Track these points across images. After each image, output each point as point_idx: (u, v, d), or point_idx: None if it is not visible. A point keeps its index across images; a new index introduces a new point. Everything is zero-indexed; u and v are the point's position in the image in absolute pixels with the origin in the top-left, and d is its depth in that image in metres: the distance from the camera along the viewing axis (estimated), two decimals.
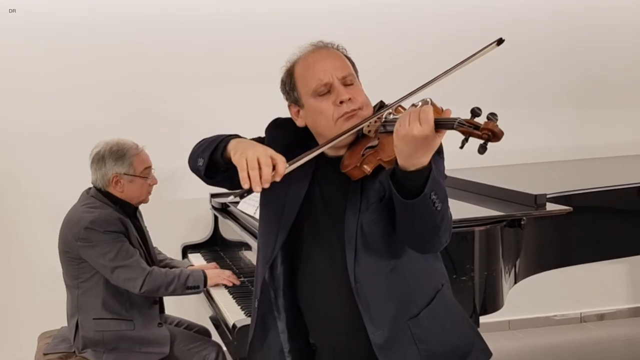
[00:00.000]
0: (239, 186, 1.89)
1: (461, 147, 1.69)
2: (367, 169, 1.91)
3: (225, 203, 4.01)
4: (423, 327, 2.03)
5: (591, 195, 3.45)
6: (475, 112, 1.65)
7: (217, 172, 2.03)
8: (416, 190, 1.74)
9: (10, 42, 4.30)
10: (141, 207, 3.48)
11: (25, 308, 4.41)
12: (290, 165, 1.83)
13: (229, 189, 2.23)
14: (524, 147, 4.87)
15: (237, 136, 2.00)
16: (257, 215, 3.37)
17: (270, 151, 1.80)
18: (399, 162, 1.73)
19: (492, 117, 1.62)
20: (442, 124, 1.67)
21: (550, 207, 3.12)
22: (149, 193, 3.38)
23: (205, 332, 3.60)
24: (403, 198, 1.76)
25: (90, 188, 3.34)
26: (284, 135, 2.09)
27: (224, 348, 3.19)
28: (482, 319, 2.85)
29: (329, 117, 1.96)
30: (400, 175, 1.75)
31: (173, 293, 3.21)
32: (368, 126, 1.93)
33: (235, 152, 1.84)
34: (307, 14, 4.54)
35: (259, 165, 1.76)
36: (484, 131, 1.61)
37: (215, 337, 3.33)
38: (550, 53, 5.03)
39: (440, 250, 2.01)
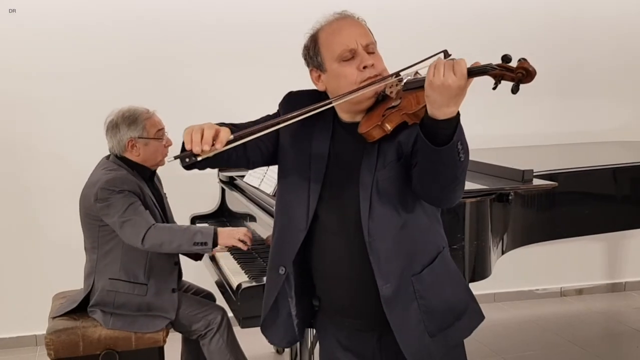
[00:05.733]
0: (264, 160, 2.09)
1: (494, 88, 1.69)
2: (388, 127, 1.88)
3: (232, 176, 3.98)
4: (424, 284, 2.01)
5: (573, 175, 3.45)
6: (507, 58, 1.64)
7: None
8: (445, 138, 1.71)
9: (33, 19, 4.26)
10: (165, 185, 3.43)
11: (41, 269, 4.38)
12: (235, 136, 1.80)
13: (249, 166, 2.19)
14: (511, 132, 4.87)
15: None
16: (262, 187, 3.35)
17: (216, 125, 1.79)
18: (430, 111, 1.69)
19: (523, 59, 1.63)
20: (475, 71, 1.66)
21: (537, 182, 3.08)
22: (165, 155, 3.25)
23: (210, 297, 3.56)
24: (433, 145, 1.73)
25: (109, 155, 3.28)
26: (304, 107, 2.02)
27: (229, 314, 3.16)
28: None
29: (352, 81, 1.93)
30: (430, 124, 1.71)
31: (179, 249, 3.06)
32: (390, 87, 1.90)
33: (185, 129, 1.81)
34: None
35: (201, 131, 1.74)
36: (518, 70, 1.62)
37: (221, 302, 3.29)
38: (536, 45, 4.98)
39: (453, 205, 1.97)
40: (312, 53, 2.02)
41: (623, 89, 5.27)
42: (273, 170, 3.37)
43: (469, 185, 2.99)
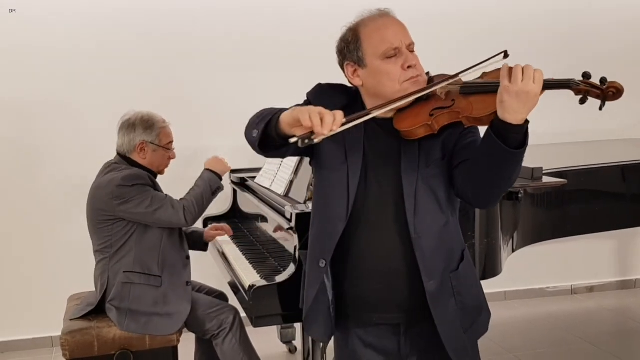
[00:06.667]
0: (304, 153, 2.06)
1: (582, 103, 1.79)
2: (437, 127, 1.88)
3: (243, 178, 3.97)
4: (460, 281, 2.04)
5: (583, 172, 3.43)
6: (588, 75, 1.71)
7: (270, 146, 1.94)
8: (515, 143, 1.71)
9: (44, 28, 4.28)
10: (168, 183, 3.44)
11: (56, 272, 4.38)
12: (347, 119, 1.77)
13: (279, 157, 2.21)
14: None
15: None
16: (273, 188, 3.34)
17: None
18: (502, 115, 1.70)
19: (605, 79, 1.71)
20: (556, 84, 1.72)
21: (547, 180, 3.06)
22: (167, 166, 3.35)
23: (223, 297, 3.55)
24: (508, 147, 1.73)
25: (110, 161, 3.29)
26: (335, 100, 2.01)
27: (242, 314, 3.14)
28: None
29: (395, 79, 1.93)
30: (503, 127, 1.71)
31: (209, 204, 3.26)
32: (442, 89, 1.90)
33: (294, 110, 1.78)
34: (324, 9, 4.50)
35: (320, 115, 1.70)
36: (609, 89, 1.66)
37: (233, 302, 3.28)
38: (546, 43, 4.95)
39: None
40: (353, 47, 1.99)
41: (633, 86, 5.21)
42: (283, 171, 3.37)
43: None
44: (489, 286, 2.87)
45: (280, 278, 2.65)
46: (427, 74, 2.01)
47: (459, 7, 4.82)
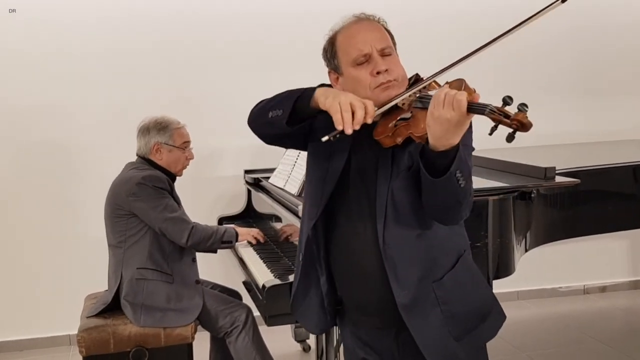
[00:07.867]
0: (301, 144, 2.00)
1: (490, 134, 1.63)
2: (399, 139, 1.82)
3: (257, 178, 3.97)
4: (446, 290, 1.95)
5: (595, 172, 3.38)
6: (506, 101, 1.57)
7: (297, 122, 1.86)
8: (443, 168, 1.67)
9: (62, 31, 4.29)
10: (184, 183, 3.46)
11: (73, 271, 4.40)
12: (378, 109, 1.75)
13: (288, 146, 2.20)
14: (533, 130, 4.77)
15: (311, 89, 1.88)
16: (287, 188, 3.34)
17: (358, 97, 1.73)
18: (430, 141, 1.65)
19: (522, 107, 1.55)
20: (473, 108, 1.59)
21: (559, 179, 3.03)
22: (184, 167, 3.40)
23: (236, 295, 3.56)
24: (430, 175, 1.70)
25: (132, 161, 3.36)
26: None
27: (255, 313, 3.13)
28: (493, 289, 2.76)
29: (366, 86, 1.87)
30: (429, 154, 1.68)
31: (211, 247, 3.29)
32: (402, 99, 1.83)
33: (327, 97, 1.74)
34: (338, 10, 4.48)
35: (352, 109, 1.68)
36: (513, 121, 1.55)
37: (247, 300, 3.28)
38: (557, 45, 4.92)
39: (459, 222, 1.93)
40: (330, 55, 1.97)
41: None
42: (297, 171, 3.36)
43: (492, 183, 2.96)
44: (500, 286, 2.86)
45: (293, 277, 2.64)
46: (416, 75, 1.95)
47: (459, 7, 4.78)
